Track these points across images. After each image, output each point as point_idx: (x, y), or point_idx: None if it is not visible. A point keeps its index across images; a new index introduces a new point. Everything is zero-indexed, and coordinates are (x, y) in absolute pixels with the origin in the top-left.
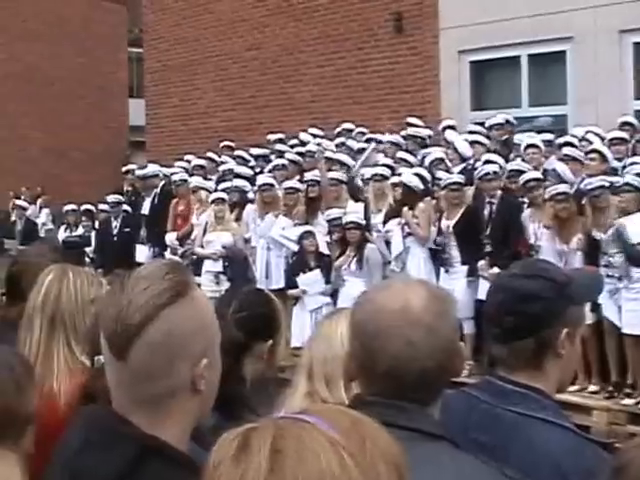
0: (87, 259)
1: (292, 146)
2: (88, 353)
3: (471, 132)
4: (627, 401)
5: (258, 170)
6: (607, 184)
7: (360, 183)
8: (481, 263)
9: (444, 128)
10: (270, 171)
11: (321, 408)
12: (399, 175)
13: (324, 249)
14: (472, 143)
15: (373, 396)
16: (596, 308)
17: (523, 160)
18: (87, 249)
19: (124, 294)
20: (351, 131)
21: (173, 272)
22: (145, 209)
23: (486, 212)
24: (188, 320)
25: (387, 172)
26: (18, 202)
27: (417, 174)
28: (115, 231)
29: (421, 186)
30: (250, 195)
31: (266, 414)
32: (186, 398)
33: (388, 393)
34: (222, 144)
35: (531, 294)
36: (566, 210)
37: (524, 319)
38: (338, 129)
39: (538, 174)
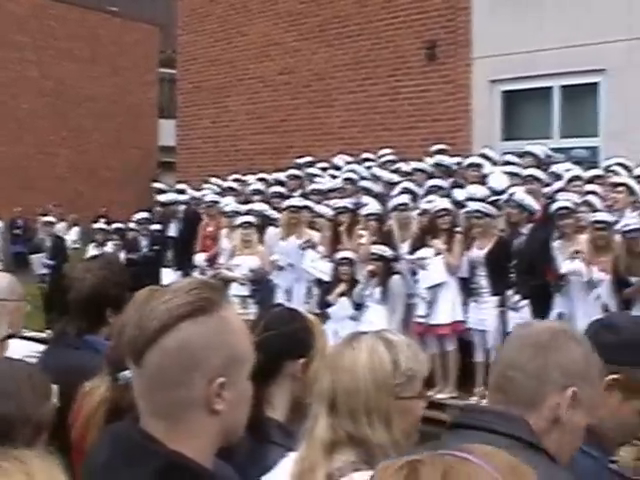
0: None
1: (324, 169)
2: (110, 371)
3: (506, 163)
4: None
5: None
6: None
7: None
8: (508, 293)
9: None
10: (303, 195)
11: (484, 450)
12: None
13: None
14: (507, 174)
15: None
16: None
17: (564, 191)
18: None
19: (148, 304)
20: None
21: (200, 289)
22: (172, 231)
23: (516, 242)
24: (207, 335)
25: (411, 200)
26: (46, 218)
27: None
28: (144, 250)
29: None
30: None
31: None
32: (203, 416)
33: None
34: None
35: (614, 326)
36: (604, 239)
37: (594, 343)
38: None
39: (569, 203)
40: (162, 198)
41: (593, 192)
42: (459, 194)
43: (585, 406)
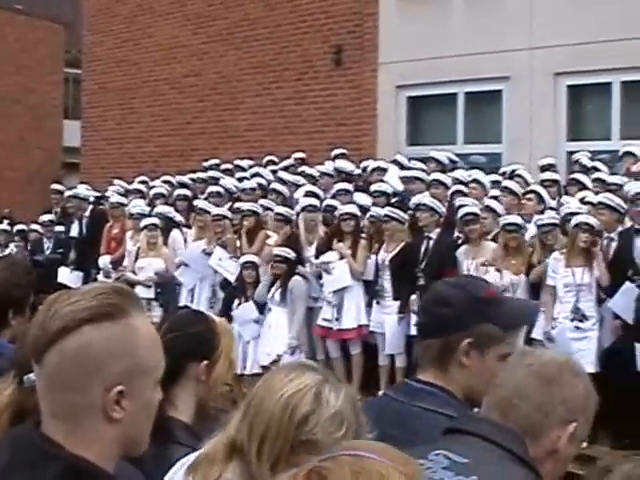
0: None
1: (229, 171)
2: (16, 373)
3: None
4: None
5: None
6: (557, 221)
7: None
8: (413, 297)
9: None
10: (206, 198)
11: (373, 447)
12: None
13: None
14: (411, 179)
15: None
16: None
17: (464, 195)
18: None
19: (54, 305)
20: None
21: (109, 294)
22: (74, 231)
23: (423, 247)
24: (109, 342)
25: (318, 203)
26: None
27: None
28: (48, 252)
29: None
30: (178, 219)
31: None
32: (101, 422)
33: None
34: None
35: (444, 298)
36: (516, 240)
37: (432, 319)
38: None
39: (476, 209)
40: (75, 191)
41: (494, 197)
42: (361, 198)
43: (580, 438)
